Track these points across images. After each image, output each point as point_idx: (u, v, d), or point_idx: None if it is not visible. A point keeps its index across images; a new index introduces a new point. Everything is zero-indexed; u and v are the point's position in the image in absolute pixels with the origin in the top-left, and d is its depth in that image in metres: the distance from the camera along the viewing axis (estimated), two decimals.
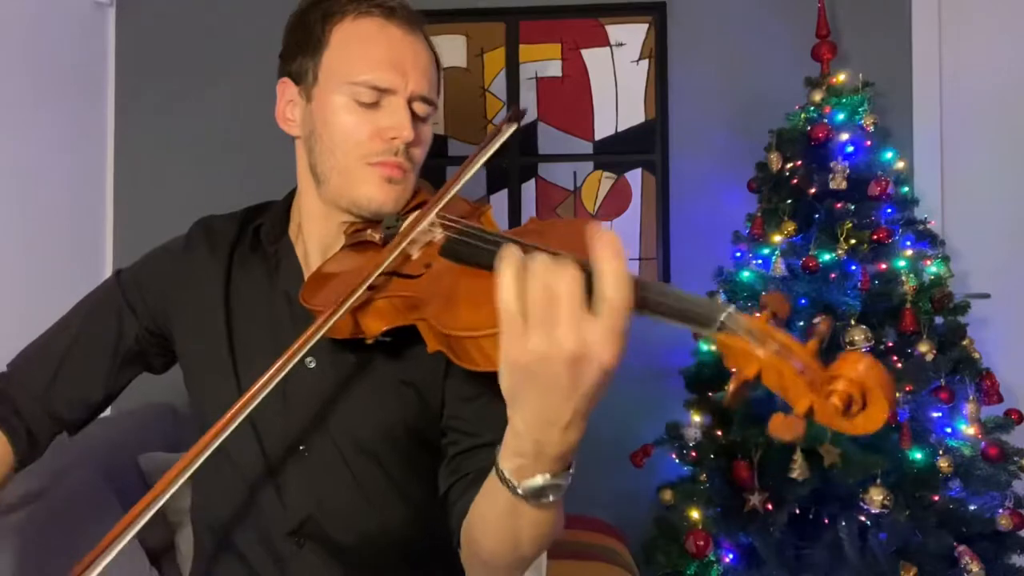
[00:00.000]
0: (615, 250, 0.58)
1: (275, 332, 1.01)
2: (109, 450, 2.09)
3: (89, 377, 1.08)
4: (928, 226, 2.31)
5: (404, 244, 0.85)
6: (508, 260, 0.60)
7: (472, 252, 0.79)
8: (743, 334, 0.62)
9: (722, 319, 0.63)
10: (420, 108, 0.98)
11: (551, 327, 0.58)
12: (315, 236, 1.04)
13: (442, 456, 0.99)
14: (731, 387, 0.62)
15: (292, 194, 1.10)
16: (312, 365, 1.00)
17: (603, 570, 2.04)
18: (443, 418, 0.99)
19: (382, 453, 1.00)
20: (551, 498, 0.70)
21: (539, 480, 0.69)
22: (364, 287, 0.82)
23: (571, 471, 0.70)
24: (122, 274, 1.14)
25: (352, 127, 0.95)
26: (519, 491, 0.69)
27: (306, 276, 1.03)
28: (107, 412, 1.14)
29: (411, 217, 0.90)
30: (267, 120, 3.31)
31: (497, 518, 0.77)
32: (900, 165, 2.36)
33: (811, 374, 0.59)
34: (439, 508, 0.97)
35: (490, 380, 0.73)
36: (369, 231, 0.96)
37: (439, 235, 0.87)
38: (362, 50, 0.95)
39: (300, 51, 0.99)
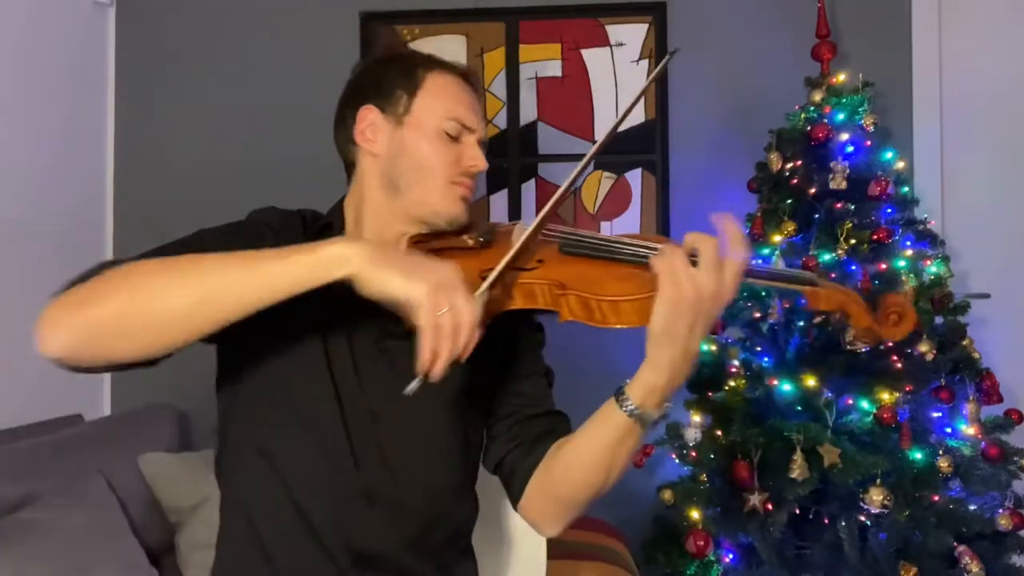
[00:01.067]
0: (737, 226, 0.93)
1: (347, 319, 1.10)
2: (109, 450, 2.09)
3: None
4: (928, 226, 2.31)
5: (538, 228, 1.04)
6: (665, 251, 0.92)
7: (592, 248, 1.05)
8: (826, 286, 0.99)
9: (809, 279, 1.00)
10: (483, 144, 1.22)
11: (713, 271, 0.90)
12: (373, 237, 1.18)
13: (491, 434, 1.17)
14: (833, 322, 1.06)
15: (339, 205, 1.22)
16: (386, 347, 1.11)
17: (603, 570, 2.04)
18: (495, 405, 1.17)
19: (446, 427, 1.13)
20: (656, 419, 0.98)
21: (663, 408, 0.97)
22: (514, 253, 1.00)
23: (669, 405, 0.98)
24: (243, 223, 1.16)
25: (441, 153, 1.15)
26: (642, 416, 0.96)
27: None
28: (107, 412, 1.14)
29: (522, 224, 1.11)
30: (267, 120, 3.32)
31: (601, 449, 1.01)
32: (900, 165, 2.36)
33: (864, 306, 0.99)
34: (471, 491, 1.18)
35: (539, 362, 1.21)
36: (464, 237, 1.13)
37: (542, 239, 1.08)
38: (454, 93, 1.18)
39: (394, 86, 1.17)
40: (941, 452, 2.03)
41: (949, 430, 2.11)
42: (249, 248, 0.98)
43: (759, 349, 2.22)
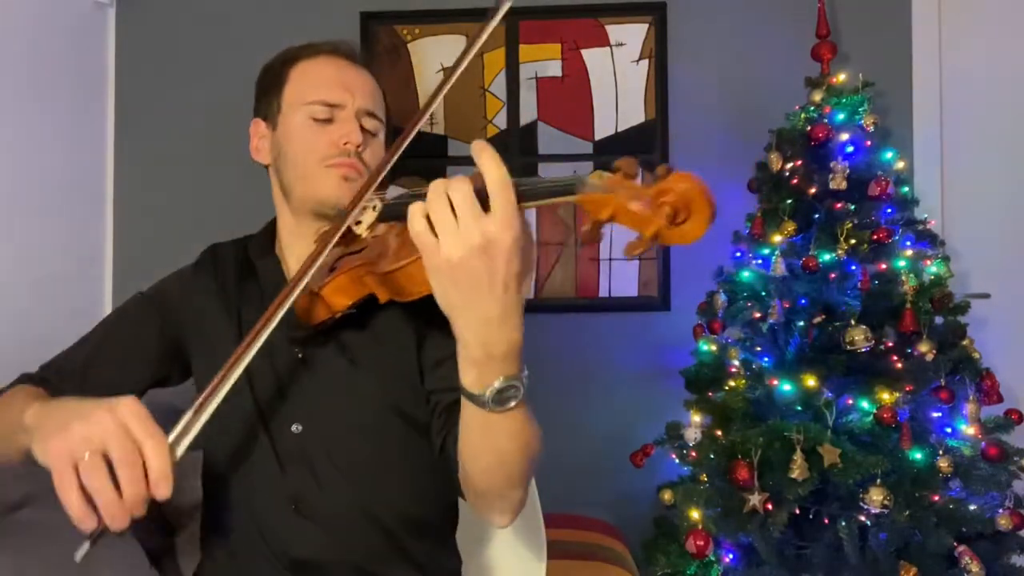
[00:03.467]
0: (493, 157, 0.76)
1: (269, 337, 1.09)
2: None
3: (118, 376, 1.14)
4: (928, 226, 2.31)
5: (352, 214, 0.96)
6: (416, 200, 0.77)
7: (396, 208, 0.93)
8: (597, 190, 0.76)
9: (577, 183, 0.78)
10: (368, 123, 1.15)
11: (456, 231, 0.73)
12: (294, 250, 1.18)
13: (430, 421, 1.08)
14: (585, 227, 0.77)
15: (275, 222, 1.23)
16: (300, 356, 1.11)
17: (603, 570, 2.04)
18: (424, 389, 1.10)
19: (369, 431, 1.09)
20: (512, 402, 0.81)
21: (497, 383, 0.79)
22: (325, 253, 0.93)
23: (525, 373, 0.81)
24: (146, 292, 1.24)
25: (310, 138, 1.12)
26: (484, 401, 0.80)
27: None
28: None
29: (371, 213, 1.03)
30: None
31: (477, 441, 0.87)
32: (900, 165, 2.36)
33: (648, 200, 0.73)
34: (429, 480, 1.10)
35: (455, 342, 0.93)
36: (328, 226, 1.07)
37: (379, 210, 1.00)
38: (314, 77, 1.14)
39: (265, 93, 1.17)
40: (941, 452, 2.03)
41: (949, 430, 2.11)
42: (156, 313, 1.16)
43: (759, 349, 2.22)
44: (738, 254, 2.39)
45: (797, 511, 2.04)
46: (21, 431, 0.86)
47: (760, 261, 2.27)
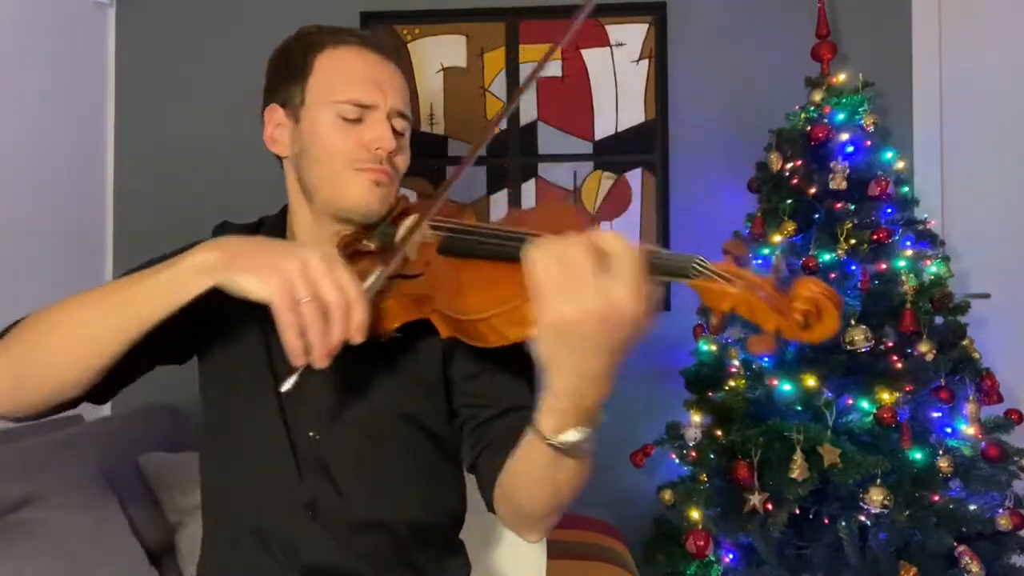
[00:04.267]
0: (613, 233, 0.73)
1: None
2: (109, 450, 2.09)
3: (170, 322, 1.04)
4: (928, 226, 2.31)
5: (407, 243, 0.94)
6: (531, 244, 0.73)
7: (470, 246, 0.90)
8: (715, 277, 0.76)
9: (695, 267, 0.76)
10: (399, 124, 1.09)
11: (579, 291, 0.69)
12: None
13: (462, 435, 1.07)
14: (713, 321, 0.78)
15: (284, 212, 1.17)
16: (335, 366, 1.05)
17: (603, 570, 2.04)
18: (453, 403, 1.07)
19: (388, 441, 1.06)
20: (586, 448, 0.82)
21: (575, 435, 0.80)
22: (382, 278, 0.90)
23: (602, 420, 0.81)
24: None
25: (339, 139, 1.05)
26: (558, 446, 0.81)
27: None
28: (107, 412, 1.14)
29: (407, 221, 1.01)
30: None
31: (537, 473, 0.87)
32: (900, 165, 2.36)
33: (774, 301, 0.74)
34: (442, 490, 1.11)
35: (488, 356, 0.97)
36: (364, 241, 1.04)
37: (431, 236, 0.97)
38: (344, 72, 1.06)
39: (286, 80, 1.09)
40: (941, 452, 2.03)
41: (949, 430, 2.11)
42: None
43: None
44: None
45: (797, 511, 2.04)
46: (151, 278, 0.86)
47: (760, 261, 2.27)
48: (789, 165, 2.30)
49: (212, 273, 0.83)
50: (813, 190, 2.25)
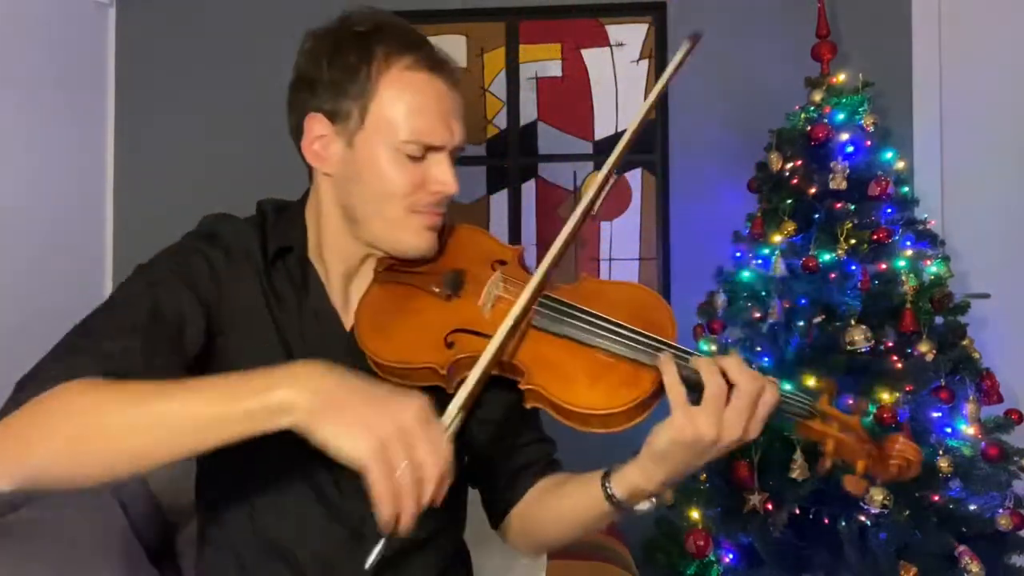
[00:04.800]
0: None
1: (321, 347, 0.98)
2: None
3: (179, 349, 0.96)
4: (928, 226, 2.31)
5: (524, 317, 0.92)
6: (668, 365, 0.86)
7: (573, 330, 0.92)
8: (817, 417, 0.89)
9: (809, 409, 0.89)
10: (456, 154, 1.04)
11: (726, 419, 0.82)
12: (339, 263, 1.05)
13: (472, 455, 1.05)
14: (827, 463, 0.90)
15: (302, 206, 1.07)
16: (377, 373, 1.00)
17: (603, 570, 2.04)
18: (473, 426, 1.04)
19: None
20: (643, 512, 0.92)
21: (647, 504, 0.92)
22: (491, 358, 0.88)
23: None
24: (172, 269, 0.99)
25: (399, 179, 0.97)
26: (624, 507, 0.91)
27: (330, 296, 1.03)
28: None
29: (495, 290, 0.98)
30: (267, 120, 3.30)
31: (580, 517, 0.95)
32: (900, 165, 2.36)
33: (864, 444, 0.88)
34: (462, 499, 1.11)
35: (514, 392, 0.95)
36: (430, 283, 1.00)
37: (511, 296, 0.95)
38: (415, 106, 0.97)
39: (341, 92, 0.98)
40: (941, 452, 2.03)
41: (949, 430, 2.11)
42: (189, 291, 0.93)
43: (759, 349, 2.22)
44: (738, 254, 2.39)
45: (797, 511, 2.04)
46: (233, 405, 0.76)
47: (760, 261, 2.27)
48: (789, 165, 2.30)
49: (295, 417, 0.75)
50: (813, 190, 2.25)
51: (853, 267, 2.15)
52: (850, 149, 2.26)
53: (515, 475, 1.05)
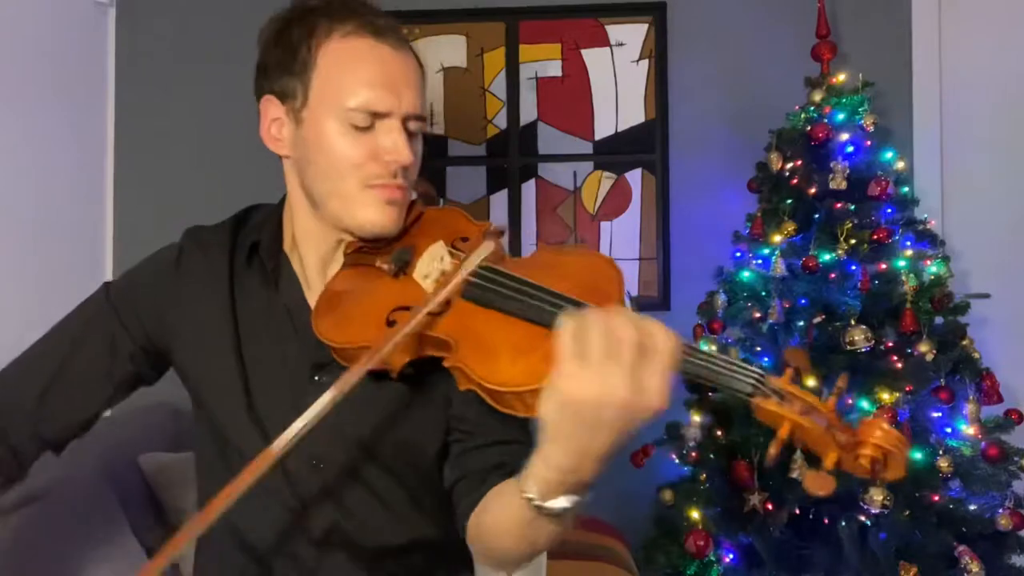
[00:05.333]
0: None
1: (282, 347, 1.01)
2: (109, 450, 2.09)
3: (81, 399, 1.04)
4: (928, 226, 2.31)
5: (442, 295, 0.85)
6: (570, 316, 0.68)
7: (499, 299, 0.83)
8: (772, 396, 0.72)
9: (754, 383, 0.72)
10: (413, 126, 0.98)
11: (607, 374, 0.65)
12: (312, 252, 1.03)
13: (446, 453, 1.01)
14: (772, 450, 0.72)
15: (282, 205, 1.08)
16: (322, 381, 0.97)
17: (603, 570, 2.04)
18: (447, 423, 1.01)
19: (396, 467, 1.01)
20: (572, 515, 0.76)
21: (564, 502, 0.74)
22: (400, 336, 0.82)
23: (591, 489, 0.75)
24: (111, 290, 1.07)
25: (348, 151, 0.94)
26: (543, 511, 0.74)
27: (305, 291, 1.03)
28: (107, 412, 1.13)
29: (431, 253, 0.92)
30: None
31: (516, 527, 0.82)
32: (900, 165, 2.36)
33: (835, 430, 0.70)
34: (447, 505, 1.02)
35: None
36: (378, 260, 0.96)
37: (452, 269, 0.89)
38: (354, 73, 0.94)
39: (285, 70, 0.97)
40: (941, 452, 2.03)
41: (949, 430, 2.11)
42: (120, 326, 1.02)
43: (759, 349, 2.22)
44: (738, 254, 2.39)
45: (797, 511, 2.04)
46: None
47: (760, 261, 2.27)
48: (789, 165, 2.30)
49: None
50: (813, 190, 2.25)
51: (853, 267, 2.15)
52: (850, 149, 2.26)
53: (479, 477, 0.95)
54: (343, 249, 1.00)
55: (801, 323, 2.16)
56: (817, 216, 2.25)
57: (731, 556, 2.13)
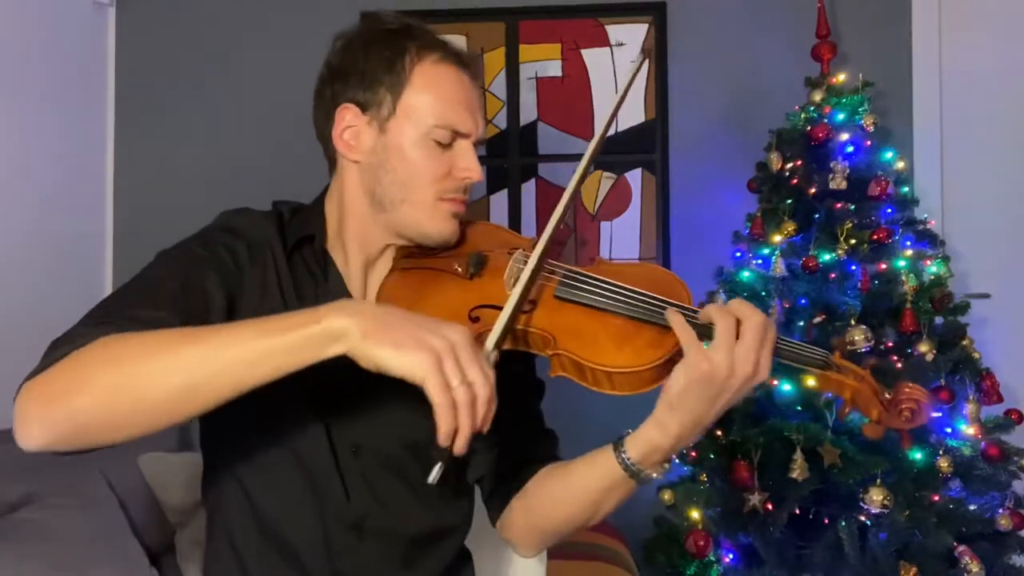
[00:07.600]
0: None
1: None
2: (109, 450, 2.09)
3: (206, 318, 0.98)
4: (928, 226, 2.31)
5: (534, 282, 0.96)
6: (675, 316, 0.89)
7: (592, 297, 0.96)
8: (833, 369, 0.96)
9: (823, 359, 0.96)
10: (479, 148, 1.08)
11: (744, 355, 0.86)
12: (359, 252, 1.08)
13: (473, 447, 1.01)
14: (844, 410, 0.99)
15: (320, 203, 1.11)
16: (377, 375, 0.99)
17: (603, 570, 2.04)
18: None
19: (429, 456, 1.02)
20: (649, 482, 0.94)
21: (660, 470, 0.92)
22: (504, 333, 0.91)
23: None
24: (198, 253, 1.02)
25: (429, 164, 1.02)
26: (638, 474, 0.91)
27: (349, 285, 1.07)
28: None
29: (516, 259, 1.01)
30: (267, 120, 3.31)
31: (591, 492, 0.96)
32: (900, 165, 2.36)
33: (877, 394, 0.96)
34: (468, 499, 1.12)
35: (520, 380, 1.08)
36: (455, 264, 1.02)
37: (525, 268, 0.97)
38: (445, 94, 1.03)
39: (376, 81, 1.03)
40: (941, 452, 2.03)
41: (949, 430, 2.11)
42: (216, 275, 0.96)
43: None
44: (738, 254, 2.39)
45: (797, 511, 2.04)
46: (283, 335, 0.79)
47: (760, 261, 2.27)
48: (789, 165, 2.30)
49: (348, 342, 0.79)
50: (813, 190, 2.25)
51: (853, 267, 2.15)
52: (850, 149, 2.26)
53: (519, 464, 1.06)
54: (395, 254, 1.06)
55: (801, 323, 2.15)
56: (817, 216, 2.25)
57: (731, 556, 2.13)
